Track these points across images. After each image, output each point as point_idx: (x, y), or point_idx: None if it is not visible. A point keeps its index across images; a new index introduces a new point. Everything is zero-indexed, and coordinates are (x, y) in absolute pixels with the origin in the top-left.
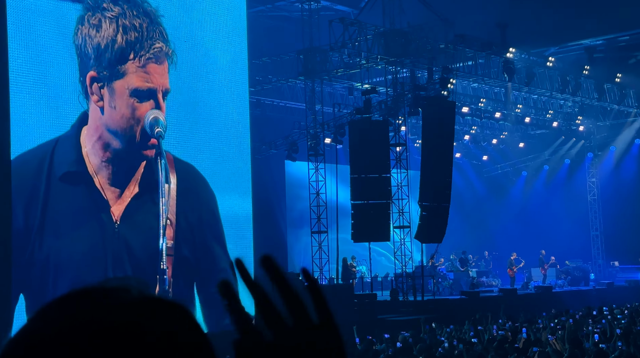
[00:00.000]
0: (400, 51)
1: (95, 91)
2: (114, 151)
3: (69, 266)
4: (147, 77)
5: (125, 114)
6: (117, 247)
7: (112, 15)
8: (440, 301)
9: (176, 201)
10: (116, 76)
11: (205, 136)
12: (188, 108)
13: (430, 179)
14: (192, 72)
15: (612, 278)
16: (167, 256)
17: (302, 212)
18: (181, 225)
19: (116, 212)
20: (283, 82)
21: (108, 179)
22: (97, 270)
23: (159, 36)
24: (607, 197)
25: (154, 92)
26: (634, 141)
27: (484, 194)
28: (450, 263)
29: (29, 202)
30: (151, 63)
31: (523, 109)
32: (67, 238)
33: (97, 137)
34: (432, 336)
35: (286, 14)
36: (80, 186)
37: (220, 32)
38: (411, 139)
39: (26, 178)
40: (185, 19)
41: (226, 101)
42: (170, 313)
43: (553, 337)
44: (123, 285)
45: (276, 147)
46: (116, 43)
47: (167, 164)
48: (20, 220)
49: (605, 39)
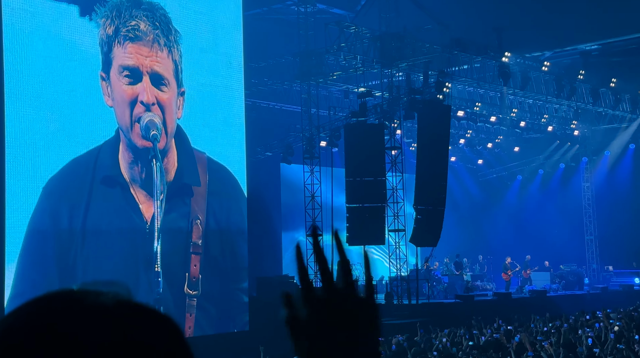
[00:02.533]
0: (396, 54)
1: (104, 91)
2: (132, 149)
3: (107, 265)
4: (127, 55)
5: (119, 101)
6: (148, 247)
7: (107, 13)
8: (434, 305)
9: (206, 200)
10: (109, 66)
11: (201, 138)
12: (184, 110)
13: (426, 182)
14: (188, 74)
15: (606, 283)
16: (194, 255)
17: (297, 215)
18: (210, 224)
19: (147, 213)
20: (279, 85)
21: (138, 180)
22: (130, 270)
23: (140, 19)
24: (602, 201)
25: (138, 73)
26: (629, 146)
27: (479, 198)
28: (445, 267)
29: (74, 204)
30: (130, 42)
31: (518, 113)
32: (106, 238)
33: (120, 139)
34: (427, 340)
35: (282, 17)
36: (116, 189)
37: (216, 34)
38: (406, 142)
39: (74, 181)
40: (181, 21)
41: (222, 104)
42: (144, 318)
43: (547, 341)
44: (97, 290)
45: (272, 150)
46: (106, 34)
47: (162, 166)
48: (65, 222)
49: (600, 44)
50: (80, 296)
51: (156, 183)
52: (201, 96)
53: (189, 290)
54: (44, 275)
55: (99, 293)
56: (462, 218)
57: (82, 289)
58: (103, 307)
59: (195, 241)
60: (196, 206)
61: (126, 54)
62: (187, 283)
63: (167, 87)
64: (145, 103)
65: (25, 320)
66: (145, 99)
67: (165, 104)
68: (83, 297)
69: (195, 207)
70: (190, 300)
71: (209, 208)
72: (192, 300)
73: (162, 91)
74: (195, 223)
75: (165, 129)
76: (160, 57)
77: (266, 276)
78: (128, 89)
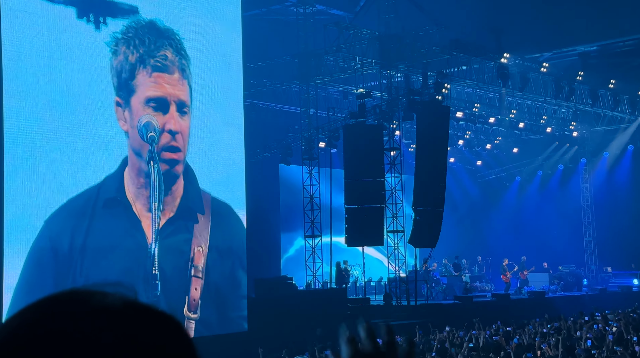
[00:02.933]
0: (395, 55)
1: (120, 116)
2: (146, 174)
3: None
4: (155, 86)
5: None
6: (149, 268)
7: (126, 37)
8: (433, 306)
9: (209, 232)
10: (131, 93)
11: (199, 139)
12: None
13: (424, 183)
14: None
15: (605, 284)
16: (195, 278)
17: (296, 216)
18: (212, 253)
19: (150, 234)
20: (278, 86)
21: (145, 204)
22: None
23: (168, 47)
24: (601, 203)
25: (165, 102)
26: (628, 147)
27: (477, 199)
28: (444, 268)
29: (75, 227)
30: (158, 71)
31: (517, 115)
32: (105, 259)
33: (131, 165)
34: (426, 341)
35: (281, 17)
36: (119, 209)
37: (216, 35)
38: (405, 143)
39: (76, 209)
40: (180, 22)
41: (221, 104)
42: (151, 319)
43: (546, 343)
44: (102, 291)
45: (270, 150)
46: (128, 61)
47: (159, 169)
48: (66, 245)
49: (599, 45)
50: (86, 297)
51: (154, 185)
52: (200, 97)
53: (189, 312)
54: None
55: (105, 294)
56: (461, 219)
57: (87, 290)
58: (109, 308)
59: (196, 265)
60: (199, 234)
61: (154, 84)
62: (187, 306)
63: (187, 113)
64: (174, 131)
65: (31, 321)
66: (173, 128)
67: (184, 132)
68: (89, 298)
69: (199, 235)
70: (189, 323)
71: (212, 239)
72: (190, 323)
73: (182, 118)
74: (197, 249)
75: (182, 150)
76: (183, 85)
77: (265, 277)
78: (155, 117)
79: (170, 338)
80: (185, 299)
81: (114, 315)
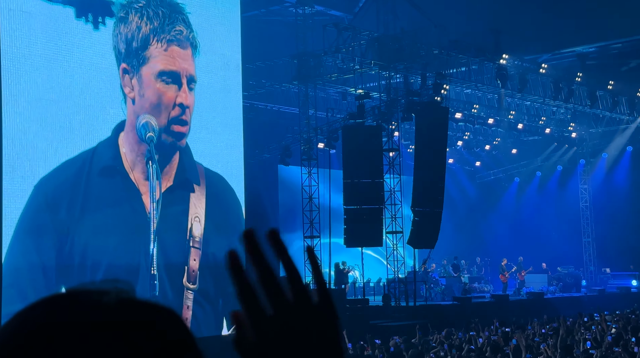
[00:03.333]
0: (394, 56)
1: (127, 83)
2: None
3: (104, 254)
4: (170, 60)
5: (152, 101)
6: (148, 237)
7: (138, 7)
8: (432, 307)
9: (205, 203)
10: (142, 62)
11: (198, 139)
12: None
13: (423, 184)
14: None
15: (604, 285)
16: (194, 249)
17: (295, 216)
18: (209, 224)
19: (148, 203)
20: (277, 87)
21: (143, 173)
22: (130, 259)
23: (181, 22)
24: (599, 204)
25: (177, 76)
26: (626, 148)
27: (476, 200)
28: (443, 269)
29: (71, 196)
30: (173, 46)
31: (516, 116)
32: (104, 228)
33: (132, 132)
34: (425, 342)
35: (280, 18)
36: (116, 179)
37: (214, 35)
38: (404, 144)
39: (69, 176)
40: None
41: (220, 105)
42: (153, 315)
43: (545, 344)
44: (104, 288)
45: (269, 151)
46: (141, 31)
47: (158, 168)
48: (63, 212)
49: (598, 47)
50: (83, 296)
51: (152, 185)
52: (199, 97)
53: (188, 283)
54: (45, 271)
55: (102, 292)
56: (460, 220)
57: (84, 289)
58: (106, 307)
59: (194, 236)
60: (196, 203)
61: (169, 58)
62: (185, 276)
63: (193, 89)
64: (184, 105)
65: (28, 323)
66: (185, 102)
67: (192, 106)
68: (86, 297)
69: (196, 204)
70: (188, 293)
71: (208, 209)
72: (189, 293)
73: (190, 94)
74: (195, 219)
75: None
76: (193, 61)
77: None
78: (167, 91)
79: (168, 334)
80: (184, 269)
81: (111, 313)
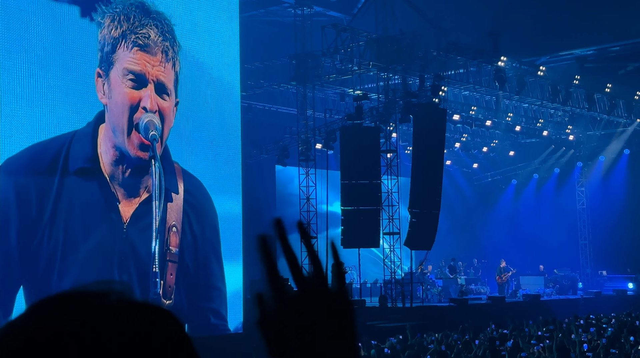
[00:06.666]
0: (392, 57)
1: (99, 87)
2: (120, 149)
3: (75, 261)
4: (134, 60)
5: (119, 103)
6: (124, 247)
7: (113, 12)
8: (428, 309)
9: (182, 210)
10: (110, 66)
11: (196, 139)
12: (180, 111)
13: (421, 186)
14: (184, 76)
15: (600, 287)
16: (171, 263)
17: (292, 217)
18: (186, 235)
19: (126, 213)
20: (275, 87)
21: (120, 179)
22: (103, 268)
23: (152, 27)
24: (596, 206)
25: (143, 79)
26: (623, 151)
27: (473, 201)
28: (439, 270)
29: (42, 192)
30: (139, 49)
31: (513, 118)
32: (76, 232)
33: (107, 136)
34: (420, 343)
35: (279, 19)
36: (93, 183)
37: (213, 36)
38: (402, 145)
39: (41, 168)
40: (177, 23)
41: (218, 105)
42: (151, 316)
43: (540, 346)
44: (104, 289)
45: (267, 152)
46: (112, 35)
47: (161, 167)
48: (33, 209)
49: (596, 49)
50: (84, 297)
51: (155, 183)
52: (197, 98)
53: (164, 299)
54: (6, 264)
55: (102, 293)
56: (457, 222)
57: (84, 289)
58: (107, 307)
59: (171, 249)
60: (173, 213)
61: (133, 59)
62: (162, 291)
63: (168, 97)
64: (149, 109)
65: (30, 325)
66: (148, 105)
67: (165, 113)
68: (84, 299)
69: (173, 214)
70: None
71: (185, 218)
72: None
73: (164, 99)
74: (172, 231)
75: (161, 136)
76: (166, 68)
77: (261, 278)
78: (131, 92)
79: (167, 335)
80: (159, 284)
81: (110, 314)
